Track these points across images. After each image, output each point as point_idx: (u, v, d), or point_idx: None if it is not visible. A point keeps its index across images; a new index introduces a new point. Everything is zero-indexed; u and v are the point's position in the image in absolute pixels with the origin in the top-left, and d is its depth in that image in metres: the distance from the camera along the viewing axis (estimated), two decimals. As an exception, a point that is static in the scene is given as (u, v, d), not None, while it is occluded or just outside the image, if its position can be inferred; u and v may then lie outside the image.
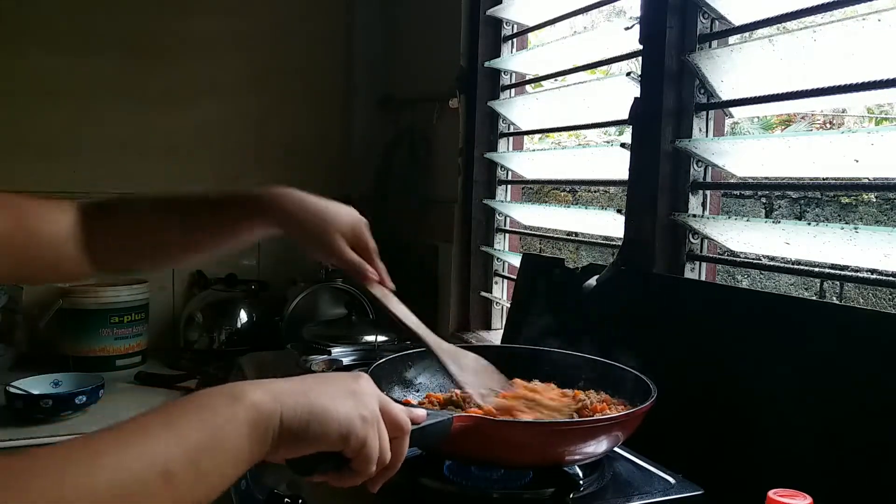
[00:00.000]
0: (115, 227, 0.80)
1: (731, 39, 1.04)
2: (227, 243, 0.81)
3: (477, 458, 0.77)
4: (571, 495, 0.72)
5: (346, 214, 0.82)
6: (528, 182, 1.68)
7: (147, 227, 0.81)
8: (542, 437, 0.73)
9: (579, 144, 1.96)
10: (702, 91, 1.03)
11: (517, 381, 0.90)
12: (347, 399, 0.55)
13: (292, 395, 0.52)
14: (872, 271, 0.95)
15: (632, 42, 1.11)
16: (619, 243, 1.12)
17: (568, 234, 1.66)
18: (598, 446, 0.75)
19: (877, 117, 1.69)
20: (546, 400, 0.85)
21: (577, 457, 0.75)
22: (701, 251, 1.06)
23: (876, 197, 1.28)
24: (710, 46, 1.02)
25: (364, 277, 0.83)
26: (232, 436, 0.48)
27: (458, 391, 0.89)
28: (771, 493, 0.59)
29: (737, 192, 1.46)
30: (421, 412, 0.63)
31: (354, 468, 0.55)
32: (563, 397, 0.87)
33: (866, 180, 0.91)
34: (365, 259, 0.83)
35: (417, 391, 0.95)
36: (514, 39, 1.59)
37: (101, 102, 1.96)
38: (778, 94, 0.91)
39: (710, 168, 1.05)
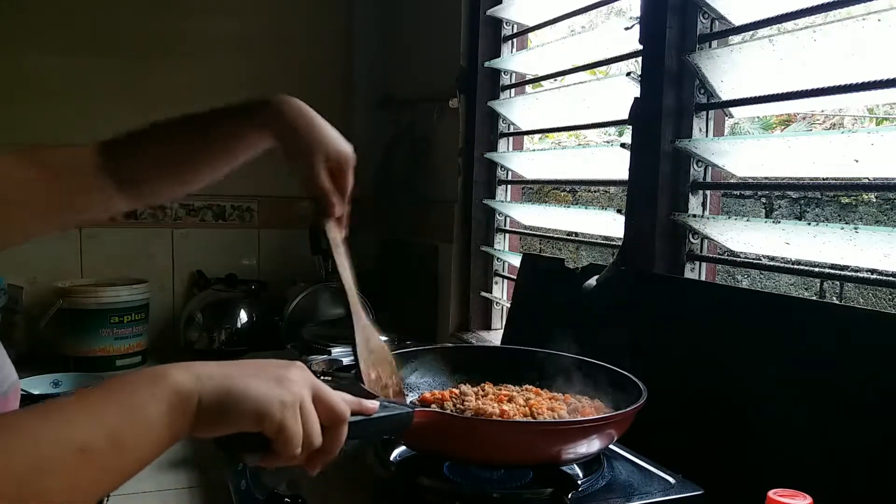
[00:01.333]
0: (139, 151, 0.82)
1: (731, 39, 1.04)
2: (238, 151, 0.82)
3: (447, 454, 0.78)
4: (570, 495, 0.72)
5: (337, 139, 0.81)
6: (528, 182, 1.68)
7: (168, 146, 0.82)
8: (507, 434, 0.73)
9: (579, 144, 1.96)
10: (702, 91, 1.03)
11: (503, 392, 0.89)
12: (270, 383, 0.56)
13: (214, 376, 0.54)
14: (872, 271, 0.95)
15: (632, 42, 1.11)
16: (619, 243, 1.12)
17: (568, 234, 1.66)
18: (581, 447, 0.75)
19: (877, 117, 1.69)
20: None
21: (565, 456, 0.75)
22: (701, 251, 1.06)
23: (876, 197, 1.28)
24: (710, 46, 1.02)
25: (326, 210, 0.81)
26: (151, 415, 0.51)
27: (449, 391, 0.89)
28: (771, 493, 0.59)
29: (737, 192, 1.46)
30: (373, 404, 0.64)
31: (276, 450, 0.56)
32: (552, 401, 0.87)
33: (866, 180, 0.91)
34: (340, 195, 0.81)
35: (410, 390, 0.95)
36: (514, 39, 1.59)
37: (101, 102, 1.96)
38: (778, 94, 0.91)
39: (710, 168, 1.05)
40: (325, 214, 0.81)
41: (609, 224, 1.21)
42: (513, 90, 1.60)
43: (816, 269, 0.95)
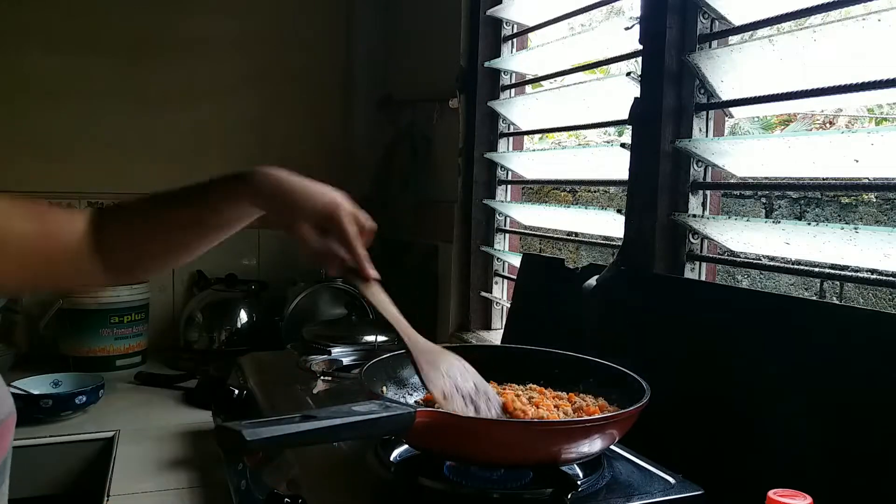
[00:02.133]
0: (121, 228, 0.81)
1: (731, 39, 1.04)
2: (222, 227, 0.82)
3: (450, 454, 0.77)
4: (570, 495, 0.72)
5: (318, 197, 0.79)
6: (528, 182, 1.68)
7: (150, 224, 0.82)
8: (511, 434, 0.73)
9: (579, 144, 1.96)
10: (702, 91, 1.03)
11: (508, 391, 0.87)
12: None
13: None
14: (872, 271, 0.95)
15: (632, 42, 1.11)
16: (619, 243, 1.12)
17: (568, 234, 1.66)
18: (583, 447, 0.74)
19: (877, 117, 1.69)
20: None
21: (566, 456, 0.74)
22: (701, 251, 1.06)
23: (876, 197, 1.27)
24: (710, 46, 1.02)
25: (330, 266, 0.80)
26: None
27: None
28: (771, 493, 0.59)
29: (737, 192, 1.46)
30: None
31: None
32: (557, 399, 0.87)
33: (866, 180, 0.91)
34: (343, 246, 0.79)
35: (414, 390, 0.94)
36: (514, 39, 1.59)
37: (101, 102, 1.96)
38: (778, 94, 0.91)
39: (710, 168, 1.05)
40: (335, 272, 0.80)
41: (609, 224, 1.21)
42: (513, 90, 1.60)
43: (816, 269, 0.95)
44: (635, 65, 1.16)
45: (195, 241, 0.83)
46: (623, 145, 1.11)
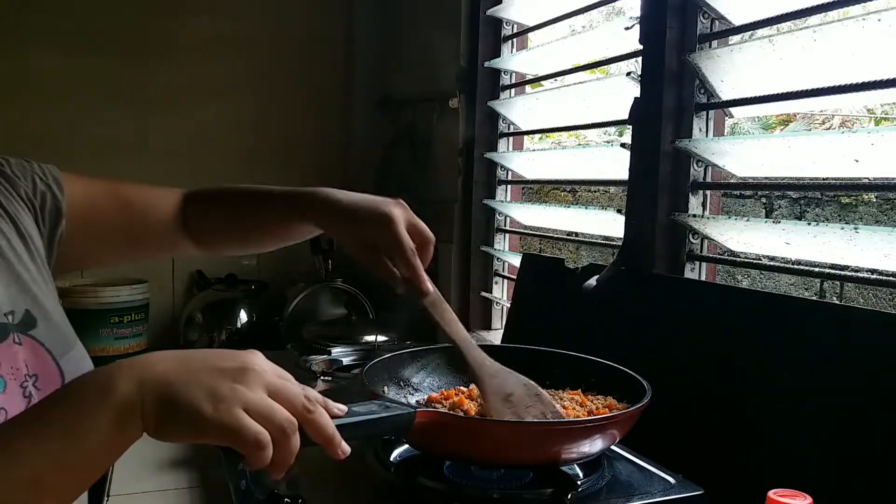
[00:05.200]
0: (207, 214, 0.90)
1: (731, 39, 1.04)
2: (288, 234, 0.89)
3: (450, 454, 0.77)
4: (570, 495, 0.72)
5: (370, 213, 0.78)
6: (528, 182, 1.68)
7: (230, 216, 0.90)
8: (517, 435, 0.73)
9: (579, 144, 1.96)
10: (702, 91, 1.03)
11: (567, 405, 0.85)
12: (207, 377, 0.52)
13: (156, 376, 0.52)
14: (872, 271, 0.95)
15: (632, 42, 1.11)
16: (619, 243, 1.12)
17: (568, 234, 1.66)
18: (583, 447, 0.74)
19: (876, 117, 1.69)
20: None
21: (566, 456, 0.74)
22: (701, 251, 1.06)
23: (876, 197, 1.28)
24: (710, 46, 1.02)
25: (394, 286, 0.79)
26: (97, 430, 0.50)
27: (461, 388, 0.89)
28: (771, 493, 0.59)
29: (737, 192, 1.46)
30: (339, 409, 0.60)
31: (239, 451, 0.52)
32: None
33: (866, 180, 0.91)
34: (399, 258, 0.77)
35: (415, 391, 0.95)
36: (514, 39, 1.59)
37: (101, 102, 1.96)
38: (778, 94, 0.91)
39: (710, 168, 1.05)
40: (398, 289, 0.80)
41: (609, 224, 1.21)
42: (513, 90, 1.60)
43: (816, 269, 0.95)
44: (635, 65, 1.16)
45: (265, 240, 0.92)
46: (623, 145, 1.11)
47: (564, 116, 1.40)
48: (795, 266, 0.97)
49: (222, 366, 0.54)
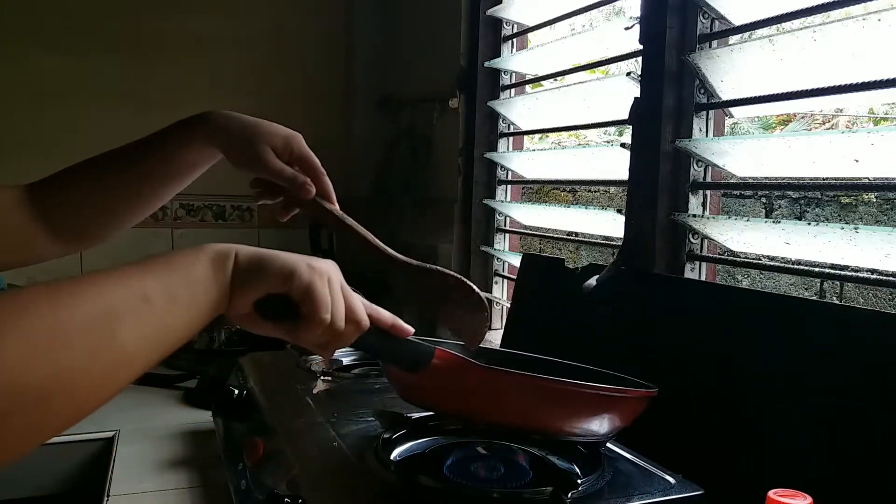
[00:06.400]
0: (63, 195, 0.81)
1: (731, 39, 1.04)
2: (177, 175, 0.81)
3: (452, 408, 0.76)
4: (570, 495, 0.72)
5: (277, 128, 0.80)
6: (528, 182, 1.68)
7: (92, 185, 0.81)
8: (532, 392, 0.72)
9: (579, 144, 1.96)
10: (702, 91, 1.03)
11: None
12: (300, 258, 0.61)
13: (246, 247, 0.60)
14: (872, 271, 0.95)
15: (632, 42, 1.11)
16: (619, 243, 1.12)
17: (568, 234, 1.66)
18: (590, 423, 0.74)
19: (876, 117, 1.69)
20: None
21: (568, 429, 0.74)
22: (701, 251, 1.06)
23: (876, 197, 1.28)
24: (710, 46, 1.02)
25: (302, 190, 0.78)
26: (198, 273, 0.56)
27: None
28: (771, 493, 0.59)
29: (737, 192, 1.46)
30: (408, 327, 0.68)
31: (304, 314, 0.59)
32: None
33: (866, 180, 0.91)
34: (308, 174, 0.79)
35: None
36: (514, 39, 1.59)
37: (101, 102, 1.96)
38: (778, 94, 0.91)
39: (710, 168, 1.05)
40: (302, 195, 0.79)
41: (609, 224, 1.21)
42: (513, 90, 1.60)
43: (816, 269, 0.95)
44: (635, 65, 1.16)
45: (154, 193, 0.83)
46: (623, 145, 1.11)
47: (564, 116, 1.40)
48: (795, 266, 0.97)
49: (307, 257, 0.62)
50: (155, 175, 0.81)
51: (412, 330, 0.67)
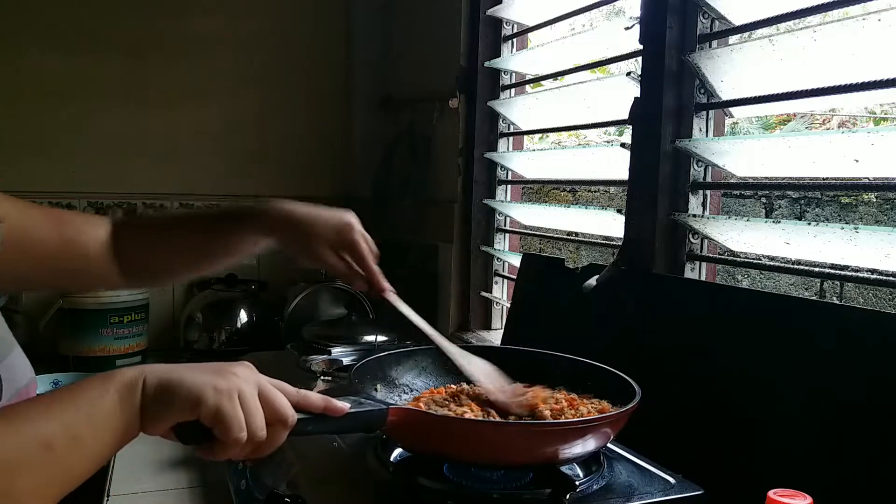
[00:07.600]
0: (141, 241, 0.88)
1: (731, 39, 1.04)
2: (232, 254, 0.89)
3: (428, 450, 0.78)
4: (570, 495, 0.72)
5: (330, 219, 0.85)
6: (528, 182, 1.68)
7: (167, 241, 0.89)
8: (492, 433, 0.74)
9: (579, 144, 1.96)
10: (702, 91, 1.03)
11: (537, 388, 0.88)
12: (207, 374, 0.60)
13: (157, 371, 0.59)
14: (872, 271, 0.95)
15: (632, 42, 1.11)
16: (619, 243, 1.12)
17: (568, 234, 1.66)
18: (575, 448, 0.74)
19: (876, 117, 1.69)
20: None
21: (541, 459, 0.74)
22: (701, 251, 1.06)
23: (876, 197, 1.27)
24: (710, 46, 1.02)
25: (352, 284, 0.87)
26: (104, 408, 0.56)
27: (465, 385, 0.90)
28: (771, 493, 0.59)
29: (737, 192, 1.46)
30: (343, 405, 0.66)
31: (217, 437, 0.59)
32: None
33: (866, 180, 0.91)
34: (357, 262, 0.86)
35: (409, 391, 0.94)
36: (514, 39, 1.59)
37: (101, 102, 1.96)
38: (778, 94, 0.91)
39: (710, 168, 1.05)
40: (354, 287, 0.88)
41: (609, 224, 1.21)
42: (513, 90, 1.60)
43: (816, 269, 0.95)
44: (635, 65, 1.16)
45: (204, 263, 0.91)
46: (623, 145, 1.11)
47: (564, 116, 1.40)
48: (795, 266, 0.97)
49: (217, 366, 0.62)
50: (218, 256, 0.90)
51: (347, 406, 0.66)
